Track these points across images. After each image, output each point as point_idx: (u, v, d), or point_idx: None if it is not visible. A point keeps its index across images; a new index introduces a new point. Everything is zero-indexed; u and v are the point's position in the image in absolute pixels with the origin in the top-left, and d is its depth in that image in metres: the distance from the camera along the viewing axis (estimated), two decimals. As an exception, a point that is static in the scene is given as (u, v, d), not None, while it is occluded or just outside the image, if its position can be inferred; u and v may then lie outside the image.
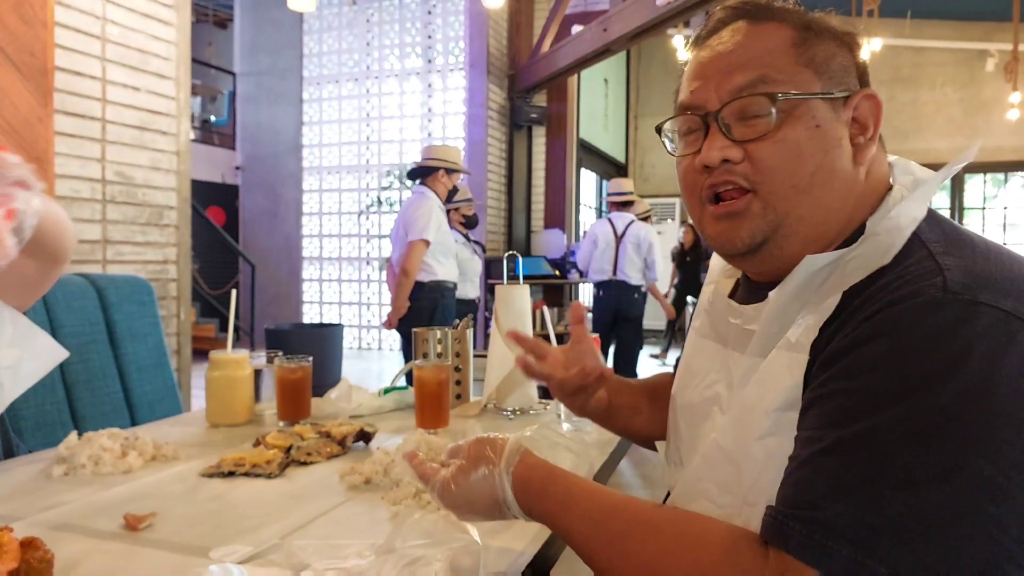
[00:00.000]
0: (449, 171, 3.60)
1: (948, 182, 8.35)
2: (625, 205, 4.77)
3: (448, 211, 4.36)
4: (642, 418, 0.92)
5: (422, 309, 3.47)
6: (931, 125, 8.29)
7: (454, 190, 3.86)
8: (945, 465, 0.47)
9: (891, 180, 0.67)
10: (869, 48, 5.59)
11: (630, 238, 4.63)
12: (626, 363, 4.68)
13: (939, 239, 0.58)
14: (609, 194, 4.90)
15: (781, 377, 0.60)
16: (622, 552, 0.58)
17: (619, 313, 4.62)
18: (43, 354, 0.96)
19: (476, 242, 4.43)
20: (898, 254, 0.58)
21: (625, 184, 4.87)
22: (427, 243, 3.39)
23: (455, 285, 3.70)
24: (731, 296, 0.75)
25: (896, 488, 0.48)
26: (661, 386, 0.93)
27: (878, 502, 0.48)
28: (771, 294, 0.63)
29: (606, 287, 4.63)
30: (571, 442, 0.80)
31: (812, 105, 0.64)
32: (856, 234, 0.62)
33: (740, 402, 0.64)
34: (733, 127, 0.65)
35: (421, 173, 3.58)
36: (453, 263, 3.68)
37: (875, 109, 0.66)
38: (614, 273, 4.61)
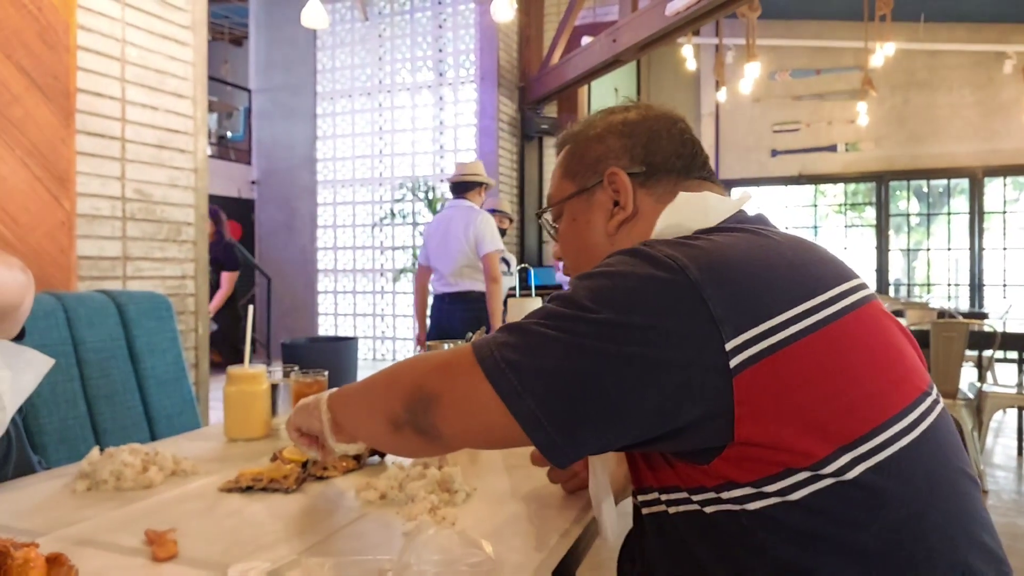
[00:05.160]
0: (484, 185, 3.81)
1: (967, 186, 8.26)
2: None
3: None
4: None
5: (480, 319, 3.55)
6: (947, 129, 8.21)
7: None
8: (555, 339, 0.64)
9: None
10: (883, 53, 5.55)
11: None
12: None
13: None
14: None
15: None
16: (390, 378, 0.77)
17: None
18: (33, 366, 1.00)
19: (503, 259, 4.46)
20: None
21: None
22: (500, 251, 3.64)
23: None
24: None
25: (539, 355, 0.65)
26: None
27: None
28: None
29: None
30: None
31: (568, 206, 0.88)
32: None
33: None
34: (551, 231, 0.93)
35: (465, 187, 3.71)
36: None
37: (620, 180, 0.82)
38: None
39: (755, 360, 0.60)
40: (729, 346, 0.60)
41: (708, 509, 0.65)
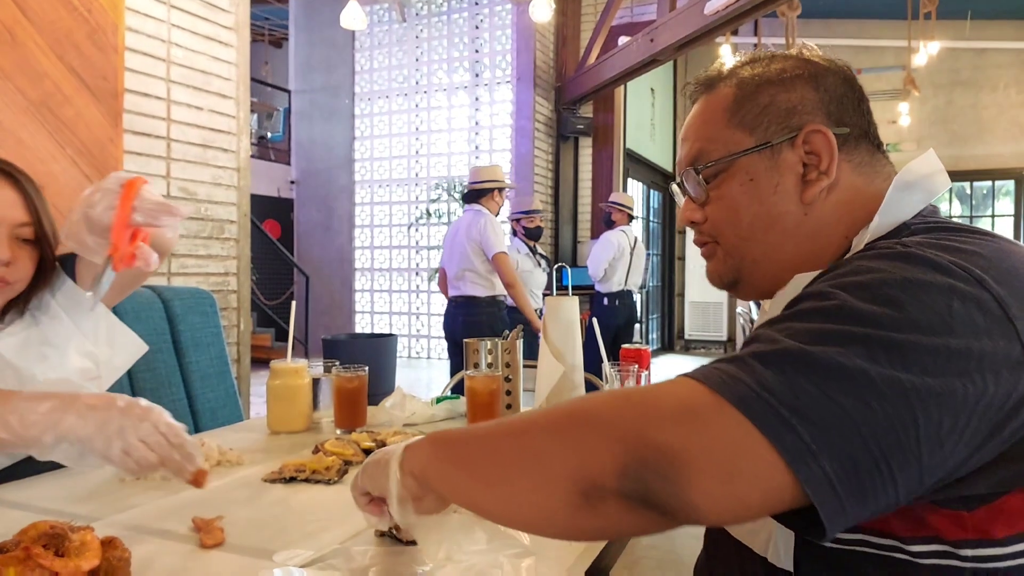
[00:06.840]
0: (500, 189, 3.79)
1: (1012, 187, 8.00)
2: (631, 219, 5.00)
3: (513, 222, 4.52)
4: None
5: (480, 323, 3.56)
6: (993, 129, 7.97)
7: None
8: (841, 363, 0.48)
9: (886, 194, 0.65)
10: (926, 52, 5.41)
11: (639, 249, 4.92)
12: None
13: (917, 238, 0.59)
14: (623, 206, 4.97)
15: None
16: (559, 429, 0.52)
17: (630, 320, 4.87)
18: (128, 348, 1.05)
19: (542, 256, 4.50)
20: None
21: (630, 199, 5.11)
22: (507, 253, 3.63)
23: (505, 297, 3.80)
24: None
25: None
26: None
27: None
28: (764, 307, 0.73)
29: (621, 297, 4.91)
30: None
31: (743, 162, 0.70)
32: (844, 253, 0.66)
33: None
34: (694, 192, 0.74)
35: (477, 195, 3.73)
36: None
37: (824, 141, 0.68)
38: (625, 283, 4.88)
39: None
40: None
41: (924, 561, 0.55)
